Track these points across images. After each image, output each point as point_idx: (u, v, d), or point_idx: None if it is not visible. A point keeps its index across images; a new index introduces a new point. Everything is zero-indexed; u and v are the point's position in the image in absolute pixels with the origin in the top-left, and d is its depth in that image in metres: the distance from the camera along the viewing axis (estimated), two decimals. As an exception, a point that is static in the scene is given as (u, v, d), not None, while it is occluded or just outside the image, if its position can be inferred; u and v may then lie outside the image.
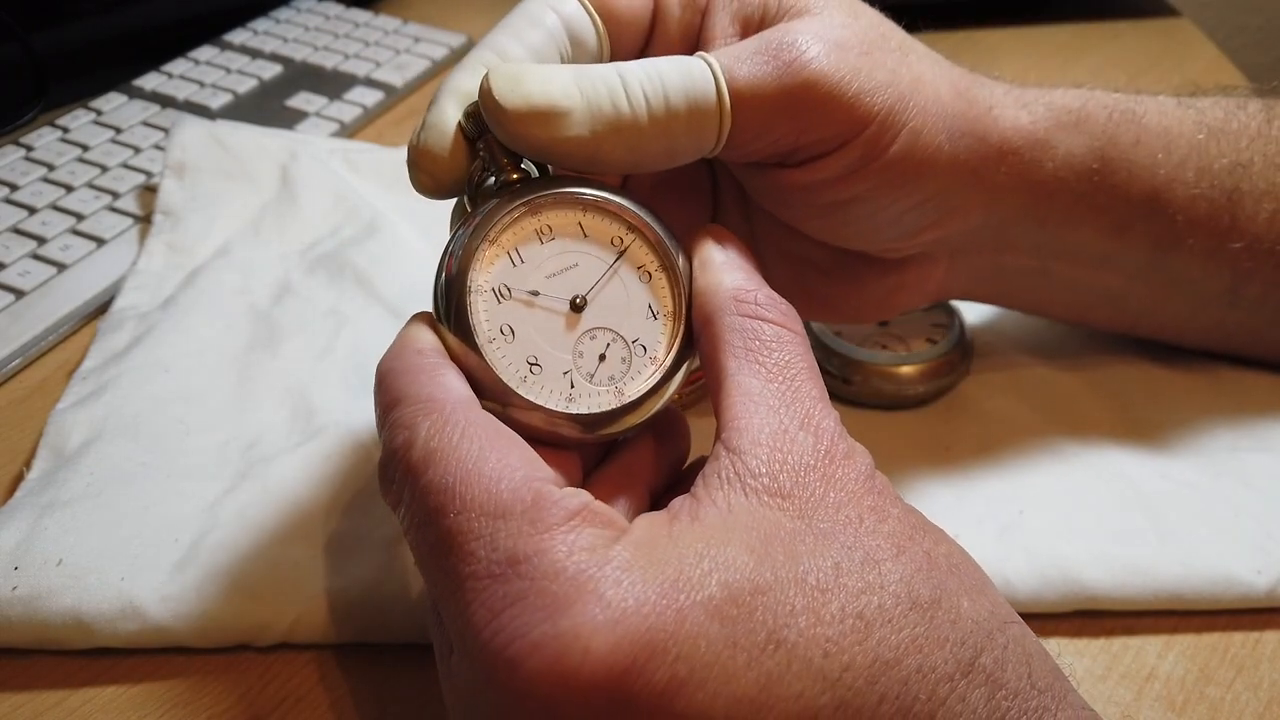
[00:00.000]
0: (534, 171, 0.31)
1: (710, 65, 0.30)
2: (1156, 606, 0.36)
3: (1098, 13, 0.82)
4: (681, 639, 0.22)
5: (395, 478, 0.26)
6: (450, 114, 0.30)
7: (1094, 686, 0.35)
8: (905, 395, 0.44)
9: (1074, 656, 0.36)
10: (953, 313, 0.46)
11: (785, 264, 0.39)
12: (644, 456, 0.31)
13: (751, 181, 0.36)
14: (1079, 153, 0.38)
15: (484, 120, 0.30)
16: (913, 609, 0.24)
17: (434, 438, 0.25)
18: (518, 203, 0.29)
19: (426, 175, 0.31)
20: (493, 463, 0.25)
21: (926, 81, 0.34)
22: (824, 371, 0.44)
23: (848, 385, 0.44)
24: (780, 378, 0.27)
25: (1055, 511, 0.39)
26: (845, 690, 0.23)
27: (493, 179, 0.30)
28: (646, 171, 0.32)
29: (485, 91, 0.28)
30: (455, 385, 0.27)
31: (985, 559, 0.36)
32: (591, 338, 0.29)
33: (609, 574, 0.23)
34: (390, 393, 0.27)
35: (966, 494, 0.40)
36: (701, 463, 0.32)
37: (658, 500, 0.31)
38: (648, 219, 0.30)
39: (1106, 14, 0.82)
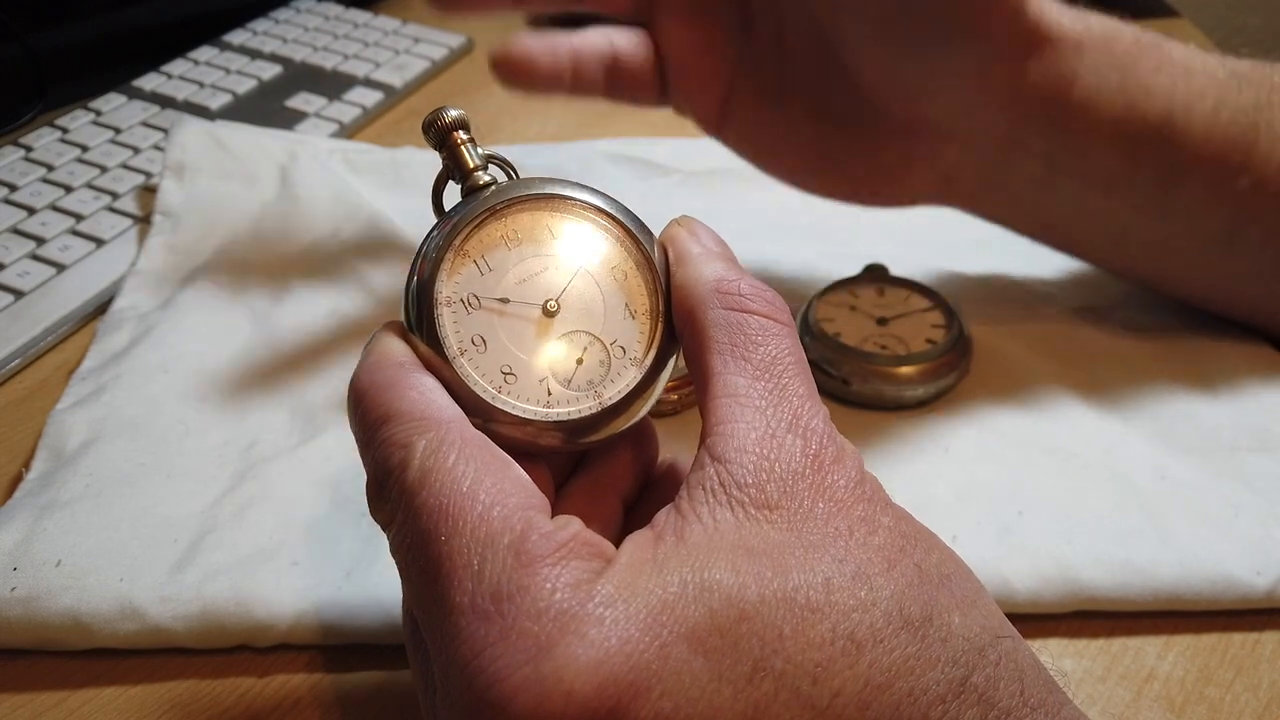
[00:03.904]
0: (500, 176, 0.30)
1: None
2: (1156, 607, 0.36)
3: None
4: (665, 676, 0.22)
5: (390, 497, 0.25)
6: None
7: (1093, 687, 0.34)
8: (905, 396, 0.44)
9: (1073, 657, 0.36)
10: (953, 313, 0.46)
11: (810, 116, 0.42)
12: (615, 465, 0.30)
13: None
14: (1103, 65, 0.40)
15: (444, 129, 0.29)
16: (904, 628, 0.23)
17: (430, 457, 0.24)
18: (482, 210, 0.28)
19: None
20: (487, 487, 0.24)
21: None
22: (824, 373, 0.44)
23: (847, 386, 0.44)
24: (767, 375, 0.26)
25: (1055, 512, 0.39)
26: (835, 718, 0.22)
27: (460, 186, 0.30)
28: None
29: None
30: (445, 402, 0.26)
31: (985, 559, 0.36)
32: (568, 342, 0.28)
33: (591, 611, 0.22)
34: (377, 409, 0.26)
35: (966, 494, 0.40)
36: (673, 464, 0.31)
37: (631, 507, 0.30)
38: (619, 215, 0.29)
39: (1106, 14, 0.82)
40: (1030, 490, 0.40)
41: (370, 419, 0.26)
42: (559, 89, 0.44)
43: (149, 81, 0.67)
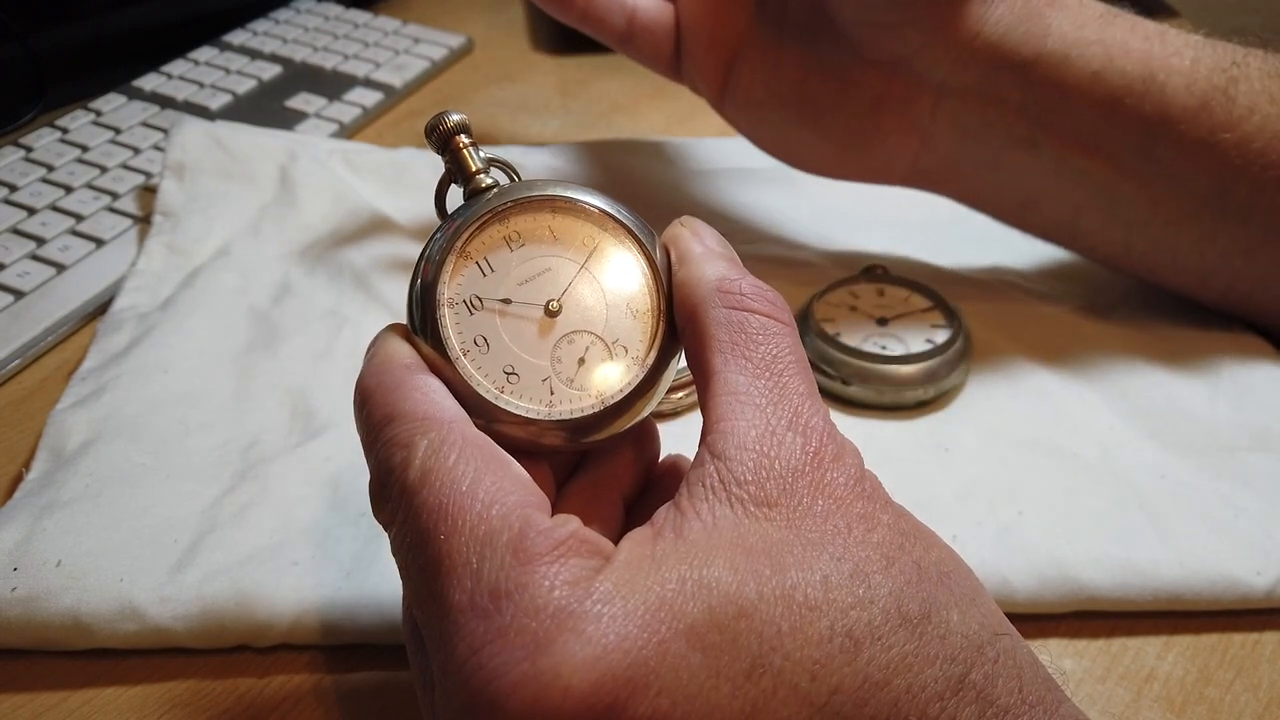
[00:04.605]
0: (502, 179, 0.31)
1: None
2: (1156, 607, 0.36)
3: (1097, 13, 0.82)
4: (663, 672, 0.22)
5: (391, 496, 0.25)
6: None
7: (1093, 687, 0.34)
8: (905, 396, 0.44)
9: (1073, 657, 0.36)
10: (953, 313, 0.46)
11: (799, 62, 0.45)
12: (616, 464, 0.30)
13: None
14: (1077, 24, 0.41)
15: (446, 133, 0.30)
16: (902, 625, 0.23)
17: (430, 457, 0.25)
18: (484, 212, 0.29)
19: None
20: (486, 485, 0.24)
21: None
22: (823, 373, 0.44)
23: (847, 387, 0.44)
24: (768, 373, 0.26)
25: (1055, 512, 0.39)
26: (833, 715, 0.22)
27: (462, 189, 0.30)
28: None
29: None
30: (448, 403, 0.26)
31: (984, 560, 0.36)
32: (569, 342, 0.28)
33: (590, 608, 0.22)
34: (380, 409, 0.26)
35: (966, 494, 0.40)
36: (676, 464, 0.32)
37: (631, 507, 0.30)
38: (620, 216, 0.30)
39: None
40: (1030, 490, 0.40)
41: (374, 419, 0.26)
42: (570, 11, 0.47)
43: (149, 81, 0.67)
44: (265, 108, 0.66)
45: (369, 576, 0.36)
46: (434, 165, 0.32)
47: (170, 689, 0.34)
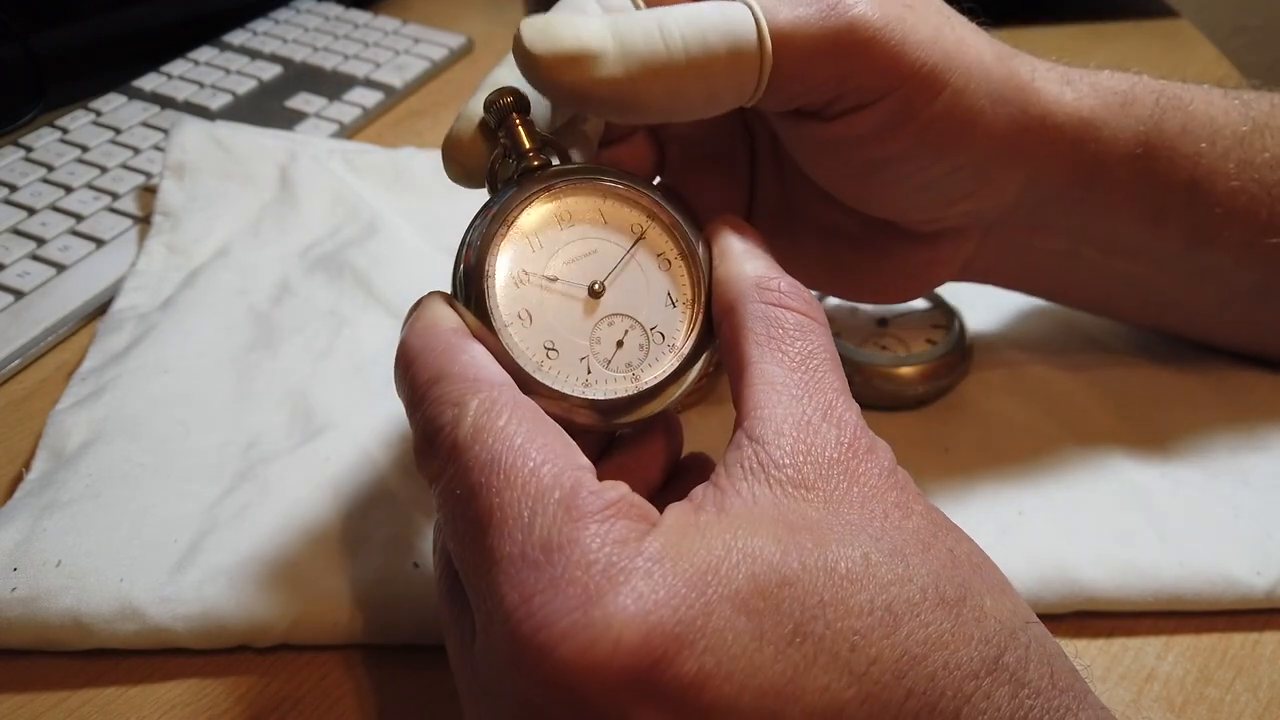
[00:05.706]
0: (555, 160, 0.31)
1: (751, 8, 0.30)
2: (1156, 607, 0.36)
3: (1097, 14, 0.82)
4: (710, 632, 0.22)
5: (440, 452, 0.26)
6: (482, 105, 0.31)
7: (1094, 687, 0.34)
8: (905, 396, 0.44)
9: (1073, 657, 0.35)
10: (952, 313, 0.46)
11: (818, 237, 0.39)
12: (642, 453, 0.31)
13: (789, 137, 0.36)
14: (1123, 136, 0.37)
15: (504, 109, 0.30)
16: (940, 605, 0.24)
17: (483, 415, 0.25)
18: (537, 188, 0.29)
19: (455, 164, 0.32)
20: (539, 444, 0.25)
21: (970, 45, 0.34)
22: (823, 372, 0.44)
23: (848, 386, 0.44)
24: (803, 367, 0.27)
25: (1054, 512, 0.39)
26: (872, 684, 0.23)
27: (514, 166, 0.30)
28: (688, 117, 0.31)
29: (517, 42, 0.29)
30: (495, 368, 0.27)
31: (985, 559, 0.36)
32: (609, 324, 0.29)
33: (640, 565, 0.23)
34: (428, 369, 0.27)
35: (966, 494, 0.40)
36: (697, 460, 0.32)
37: (653, 498, 0.30)
38: (667, 206, 0.30)
39: (1106, 16, 0.82)
40: (1030, 490, 0.40)
41: (421, 379, 0.27)
42: None
43: (149, 81, 0.67)
44: (265, 108, 0.66)
45: (369, 577, 0.36)
46: (434, 165, 0.32)
47: (170, 689, 0.34)
